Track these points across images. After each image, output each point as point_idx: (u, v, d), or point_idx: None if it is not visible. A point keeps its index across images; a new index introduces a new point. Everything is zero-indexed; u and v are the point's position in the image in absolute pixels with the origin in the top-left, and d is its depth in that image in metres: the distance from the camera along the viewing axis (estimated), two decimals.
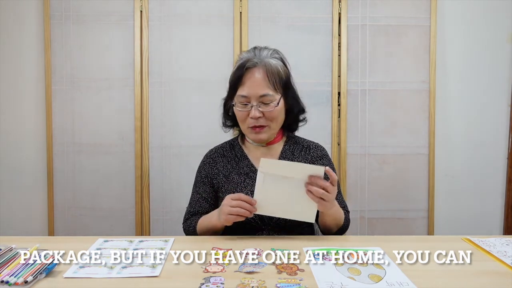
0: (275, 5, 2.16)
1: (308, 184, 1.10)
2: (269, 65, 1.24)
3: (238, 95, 1.25)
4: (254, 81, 1.23)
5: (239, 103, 1.25)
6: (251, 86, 1.23)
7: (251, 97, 1.23)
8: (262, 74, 1.23)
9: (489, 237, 1.17)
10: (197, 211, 1.32)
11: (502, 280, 0.91)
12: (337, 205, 1.22)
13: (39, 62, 2.21)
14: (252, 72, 1.23)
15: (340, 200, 1.32)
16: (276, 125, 1.28)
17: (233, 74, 1.28)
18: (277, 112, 1.25)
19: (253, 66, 1.24)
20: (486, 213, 2.32)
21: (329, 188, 1.09)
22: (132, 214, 2.20)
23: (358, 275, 0.91)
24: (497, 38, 2.26)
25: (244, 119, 1.26)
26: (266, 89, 1.23)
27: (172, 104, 2.18)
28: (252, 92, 1.22)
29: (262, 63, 1.24)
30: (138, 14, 2.14)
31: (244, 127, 1.29)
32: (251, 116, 1.23)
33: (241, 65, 1.25)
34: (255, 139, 1.29)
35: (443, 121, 2.25)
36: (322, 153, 1.36)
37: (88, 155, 2.20)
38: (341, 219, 1.25)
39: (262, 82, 1.23)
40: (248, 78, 1.23)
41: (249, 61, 1.24)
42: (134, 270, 0.93)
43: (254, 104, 1.23)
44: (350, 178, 2.20)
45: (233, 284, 0.86)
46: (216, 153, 1.38)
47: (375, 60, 2.19)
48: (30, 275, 0.87)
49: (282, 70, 1.26)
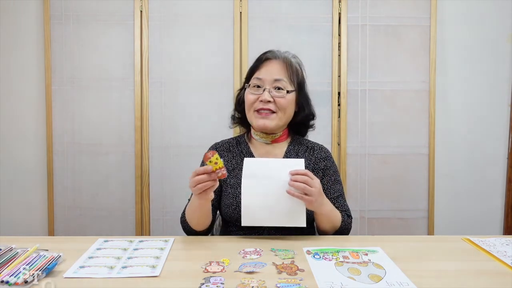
0: (275, 5, 2.16)
1: (290, 182, 1.10)
2: (289, 60, 1.31)
3: (254, 78, 1.29)
4: (272, 67, 1.29)
5: (252, 86, 1.29)
6: (267, 70, 1.28)
7: (265, 80, 1.27)
8: (280, 63, 1.29)
9: (489, 237, 1.17)
10: None
11: (502, 280, 0.91)
12: (331, 206, 1.22)
13: (39, 62, 2.21)
14: (271, 61, 1.30)
15: (341, 204, 1.31)
16: (283, 116, 1.29)
17: (252, 65, 1.34)
18: (287, 101, 1.27)
19: (273, 58, 1.30)
20: (486, 213, 2.33)
21: (309, 181, 1.09)
22: (132, 214, 2.20)
23: (358, 275, 0.91)
24: (497, 38, 2.26)
25: (252, 103, 1.28)
26: (282, 75, 1.28)
27: (172, 104, 2.18)
28: (268, 75, 1.27)
29: (282, 57, 1.31)
30: (138, 14, 2.15)
31: (251, 113, 1.29)
32: (261, 99, 1.26)
33: (262, 56, 1.32)
34: (260, 125, 1.28)
35: (443, 121, 2.25)
36: (326, 155, 1.36)
37: (88, 155, 2.20)
38: (336, 221, 1.24)
39: (280, 69, 1.28)
40: (266, 64, 1.29)
41: (270, 52, 1.32)
42: (134, 270, 0.93)
43: (267, 87, 1.26)
44: (350, 178, 2.20)
45: (233, 284, 0.86)
46: (222, 146, 1.39)
47: (375, 60, 2.19)
48: (30, 275, 0.87)
49: (300, 70, 1.34)
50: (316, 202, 1.11)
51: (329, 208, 1.21)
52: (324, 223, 1.22)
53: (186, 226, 1.27)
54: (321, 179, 1.32)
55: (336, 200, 1.30)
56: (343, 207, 1.31)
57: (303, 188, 1.09)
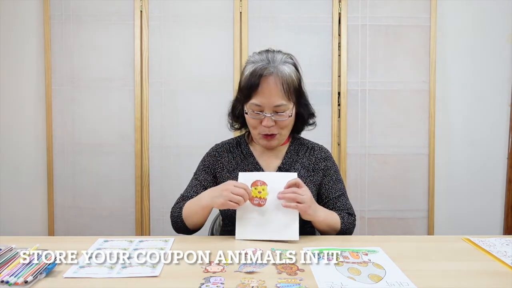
0: (275, 5, 2.16)
1: (279, 195, 1.14)
2: (284, 74, 1.22)
3: (252, 103, 1.23)
4: (268, 91, 1.21)
5: (251, 111, 1.24)
6: (265, 96, 1.21)
7: (265, 106, 1.22)
8: (277, 83, 1.21)
9: (489, 237, 1.17)
10: (191, 196, 1.31)
11: (502, 280, 0.91)
12: (326, 212, 1.23)
13: (39, 62, 2.21)
14: (267, 81, 1.21)
15: (343, 202, 1.31)
16: (286, 132, 1.30)
17: (246, 80, 1.24)
18: (289, 121, 1.27)
19: (269, 75, 1.21)
20: (486, 213, 2.32)
21: (298, 190, 1.13)
22: (132, 214, 2.20)
23: (358, 275, 0.91)
24: (497, 38, 2.26)
25: (256, 126, 1.27)
26: (281, 99, 1.21)
27: (172, 104, 2.18)
28: (267, 102, 1.21)
29: (276, 71, 1.21)
30: (138, 14, 2.15)
31: (255, 133, 1.29)
32: (264, 124, 1.23)
33: (256, 73, 1.22)
34: (266, 146, 1.31)
35: (443, 121, 2.25)
36: (326, 155, 1.36)
37: (88, 155, 2.20)
38: (335, 224, 1.24)
39: (277, 92, 1.21)
40: (263, 88, 1.21)
41: (265, 69, 1.21)
42: (134, 270, 0.93)
43: (267, 114, 1.22)
44: (350, 178, 2.20)
45: (233, 284, 0.86)
46: (222, 147, 1.39)
47: (375, 60, 2.19)
48: (30, 275, 0.87)
49: (295, 77, 1.25)
50: (310, 208, 1.14)
51: (324, 214, 1.22)
52: (323, 228, 1.23)
53: (178, 222, 1.27)
54: (322, 179, 1.33)
55: (338, 199, 1.31)
56: (344, 206, 1.31)
57: (294, 197, 1.12)
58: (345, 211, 1.30)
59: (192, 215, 1.23)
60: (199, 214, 1.21)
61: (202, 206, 1.19)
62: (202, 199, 1.21)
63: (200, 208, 1.20)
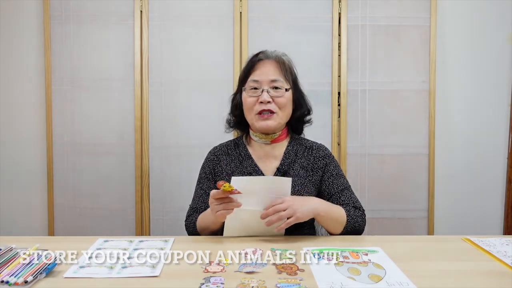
0: (275, 5, 2.16)
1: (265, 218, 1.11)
2: (281, 59, 1.32)
3: (250, 80, 1.30)
4: (266, 68, 1.30)
5: (249, 89, 1.30)
6: (263, 71, 1.29)
7: (262, 81, 1.28)
8: (274, 64, 1.31)
9: (489, 237, 1.17)
10: (200, 207, 1.33)
11: (502, 280, 0.91)
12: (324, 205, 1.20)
13: (39, 62, 2.21)
14: (264, 62, 1.31)
15: (348, 196, 1.29)
16: (283, 115, 1.31)
17: (245, 66, 1.35)
18: (286, 99, 1.29)
19: (266, 58, 1.31)
20: (486, 213, 2.33)
21: (278, 208, 1.11)
22: (132, 214, 2.20)
23: (358, 275, 0.91)
24: (497, 38, 2.26)
25: (252, 106, 1.29)
26: (278, 75, 1.29)
27: (172, 104, 2.18)
28: (264, 76, 1.28)
29: (274, 56, 1.32)
30: (138, 14, 2.14)
31: (252, 115, 1.30)
32: (261, 100, 1.27)
33: (254, 57, 1.33)
34: (263, 126, 1.29)
35: (443, 121, 2.25)
36: (324, 153, 1.36)
37: (88, 155, 2.20)
38: (340, 217, 1.21)
39: (274, 70, 1.30)
40: (260, 65, 1.30)
41: (262, 53, 1.33)
42: (134, 270, 0.93)
43: (264, 88, 1.27)
44: (350, 178, 2.20)
45: (233, 284, 0.86)
46: (220, 150, 1.39)
47: (375, 60, 2.19)
48: (30, 275, 0.87)
49: (292, 66, 1.36)
50: (298, 211, 1.12)
51: (322, 206, 1.19)
52: (327, 223, 1.20)
53: (196, 235, 1.29)
54: (321, 177, 1.32)
55: (341, 194, 1.30)
56: (349, 200, 1.29)
57: (279, 217, 1.10)
58: (351, 204, 1.28)
59: (206, 228, 1.25)
60: (214, 226, 1.23)
61: (212, 221, 1.21)
62: (209, 217, 1.22)
63: (211, 222, 1.22)
